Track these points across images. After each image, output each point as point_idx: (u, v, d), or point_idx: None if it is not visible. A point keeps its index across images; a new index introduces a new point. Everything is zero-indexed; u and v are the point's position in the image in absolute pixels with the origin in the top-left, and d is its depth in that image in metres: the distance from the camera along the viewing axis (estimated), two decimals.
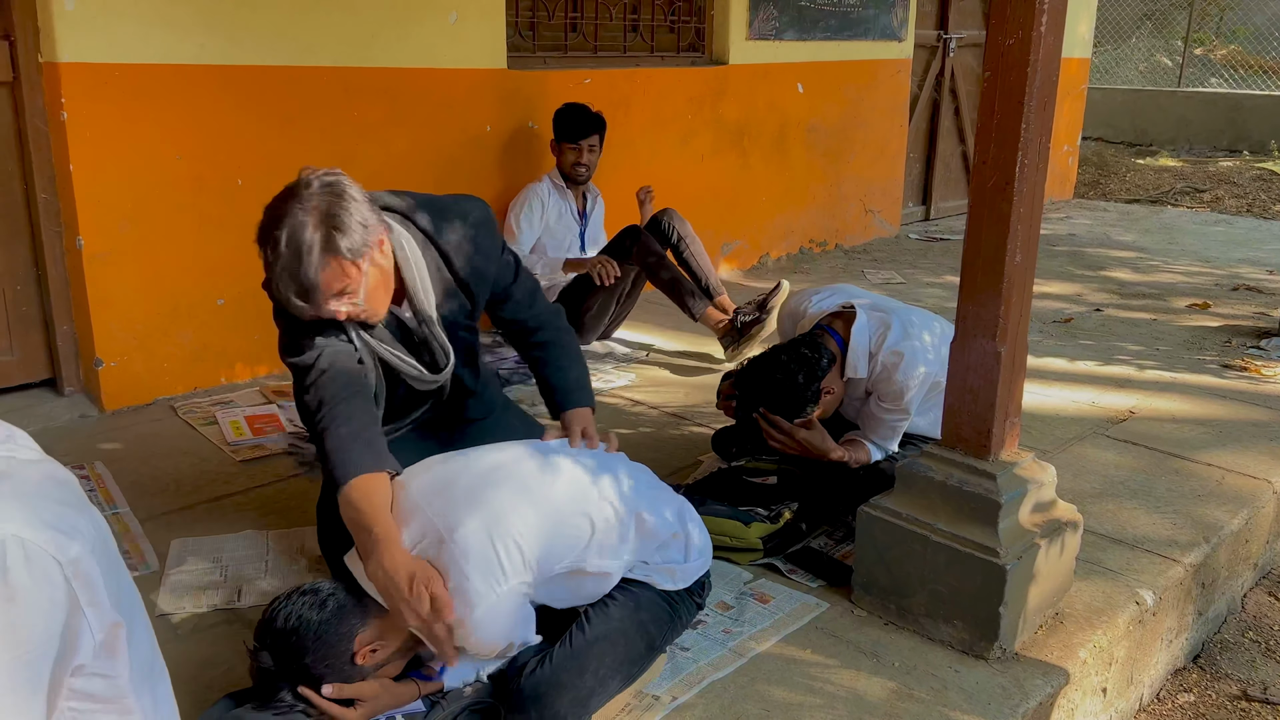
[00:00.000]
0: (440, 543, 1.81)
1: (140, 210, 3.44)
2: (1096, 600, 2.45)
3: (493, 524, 1.84)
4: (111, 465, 3.09)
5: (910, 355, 2.65)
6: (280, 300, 2.03)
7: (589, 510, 1.97)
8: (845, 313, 2.80)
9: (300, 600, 1.79)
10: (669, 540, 2.10)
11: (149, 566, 2.54)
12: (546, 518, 1.91)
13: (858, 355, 2.71)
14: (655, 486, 2.19)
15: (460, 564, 1.79)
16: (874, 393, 2.74)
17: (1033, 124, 2.08)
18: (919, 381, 2.67)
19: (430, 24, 4.07)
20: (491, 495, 1.89)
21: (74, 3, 3.17)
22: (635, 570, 2.07)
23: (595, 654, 1.93)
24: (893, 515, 2.32)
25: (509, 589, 1.81)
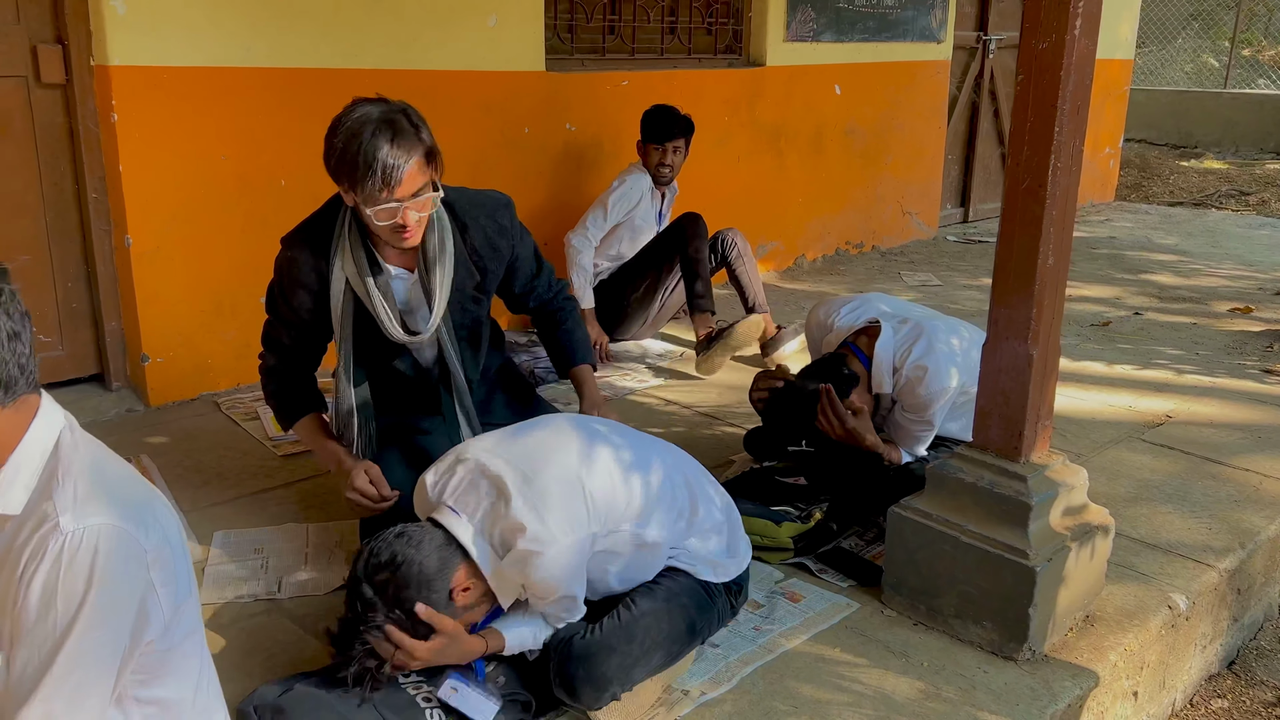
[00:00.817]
0: (518, 486, 1.89)
1: (187, 210, 3.52)
2: (1128, 604, 2.45)
3: (568, 473, 1.93)
4: (157, 459, 3.16)
5: (935, 369, 2.68)
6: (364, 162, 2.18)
7: (650, 479, 2.05)
8: (871, 328, 2.85)
9: (398, 540, 1.87)
10: (713, 529, 2.16)
11: (193, 555, 2.60)
12: (613, 476, 2.00)
13: (882, 371, 2.77)
14: (708, 479, 2.27)
15: (538, 506, 1.87)
16: (899, 404, 2.78)
17: (1066, 127, 2.08)
18: (944, 395, 2.70)
19: (470, 27, 4.12)
20: (564, 450, 1.99)
21: (125, 7, 3.25)
22: (680, 558, 2.13)
23: (643, 626, 2.00)
24: (923, 516, 2.34)
25: (580, 538, 1.89)
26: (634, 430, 2.24)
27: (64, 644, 1.30)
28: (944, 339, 2.77)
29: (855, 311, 2.95)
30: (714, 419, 3.59)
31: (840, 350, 2.85)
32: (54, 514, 1.32)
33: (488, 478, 1.93)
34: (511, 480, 1.91)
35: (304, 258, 2.41)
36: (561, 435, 2.06)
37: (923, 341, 2.75)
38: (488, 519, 1.91)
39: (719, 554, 2.18)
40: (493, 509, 1.91)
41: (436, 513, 1.95)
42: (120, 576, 1.33)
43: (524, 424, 2.14)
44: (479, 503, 1.93)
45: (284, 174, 3.71)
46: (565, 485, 1.92)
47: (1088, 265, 6.10)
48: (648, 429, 3.44)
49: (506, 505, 1.88)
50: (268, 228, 3.69)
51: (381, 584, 1.84)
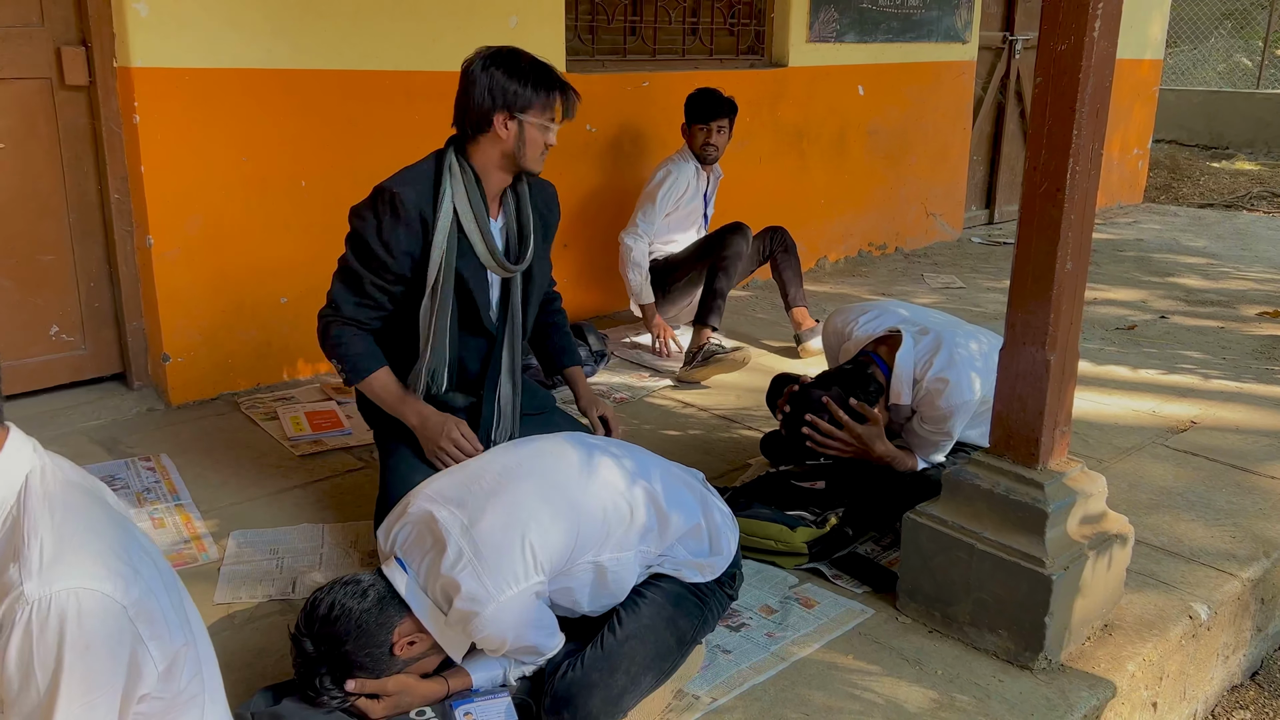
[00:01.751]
0: (455, 539, 1.85)
1: (207, 210, 3.54)
2: (1148, 613, 2.42)
3: (509, 523, 1.87)
4: (176, 458, 3.18)
5: (956, 381, 2.63)
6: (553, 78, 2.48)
7: (610, 507, 1.99)
8: (891, 337, 2.79)
9: (343, 590, 1.84)
10: (691, 531, 2.11)
11: (208, 556, 2.62)
12: (565, 517, 1.93)
13: (902, 382, 2.71)
14: (678, 478, 2.19)
15: (474, 563, 1.82)
16: (918, 414, 2.73)
17: (1084, 130, 2.06)
18: (966, 408, 2.65)
19: (491, 28, 4.13)
20: (510, 494, 1.92)
21: (148, 9, 3.28)
22: (664, 565, 2.09)
23: (626, 653, 1.95)
24: (938, 522, 2.31)
25: (519, 591, 1.83)
26: (600, 444, 2.16)
27: (52, 713, 1.26)
28: (964, 348, 2.72)
29: (874, 320, 2.89)
30: (731, 421, 3.58)
31: (861, 358, 2.80)
32: (19, 580, 1.26)
33: (430, 530, 1.89)
34: (449, 533, 1.86)
35: (410, 197, 2.49)
36: (519, 471, 1.99)
37: (944, 352, 2.69)
38: (430, 573, 1.87)
39: (701, 554, 2.13)
40: (433, 563, 1.87)
41: (385, 564, 1.93)
42: (99, 639, 1.27)
43: (490, 457, 2.08)
44: (423, 555, 1.89)
45: (304, 175, 3.73)
46: (504, 537, 1.85)
47: (1114, 268, 6.04)
48: (663, 431, 3.47)
49: (442, 560, 1.84)
50: (288, 229, 3.73)
51: (319, 637, 1.81)
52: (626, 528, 2.00)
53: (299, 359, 3.87)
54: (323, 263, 3.83)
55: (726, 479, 3.10)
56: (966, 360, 2.69)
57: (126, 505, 1.70)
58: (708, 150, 4.35)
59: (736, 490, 2.88)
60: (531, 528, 1.87)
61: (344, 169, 3.83)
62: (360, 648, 1.81)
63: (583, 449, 2.08)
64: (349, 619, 1.81)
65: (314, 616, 1.82)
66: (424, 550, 1.89)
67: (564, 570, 1.93)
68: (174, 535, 2.72)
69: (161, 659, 1.36)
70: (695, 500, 2.15)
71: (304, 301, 3.81)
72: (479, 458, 2.09)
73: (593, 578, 1.98)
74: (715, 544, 2.15)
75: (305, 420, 3.45)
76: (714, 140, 4.34)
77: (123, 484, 3.00)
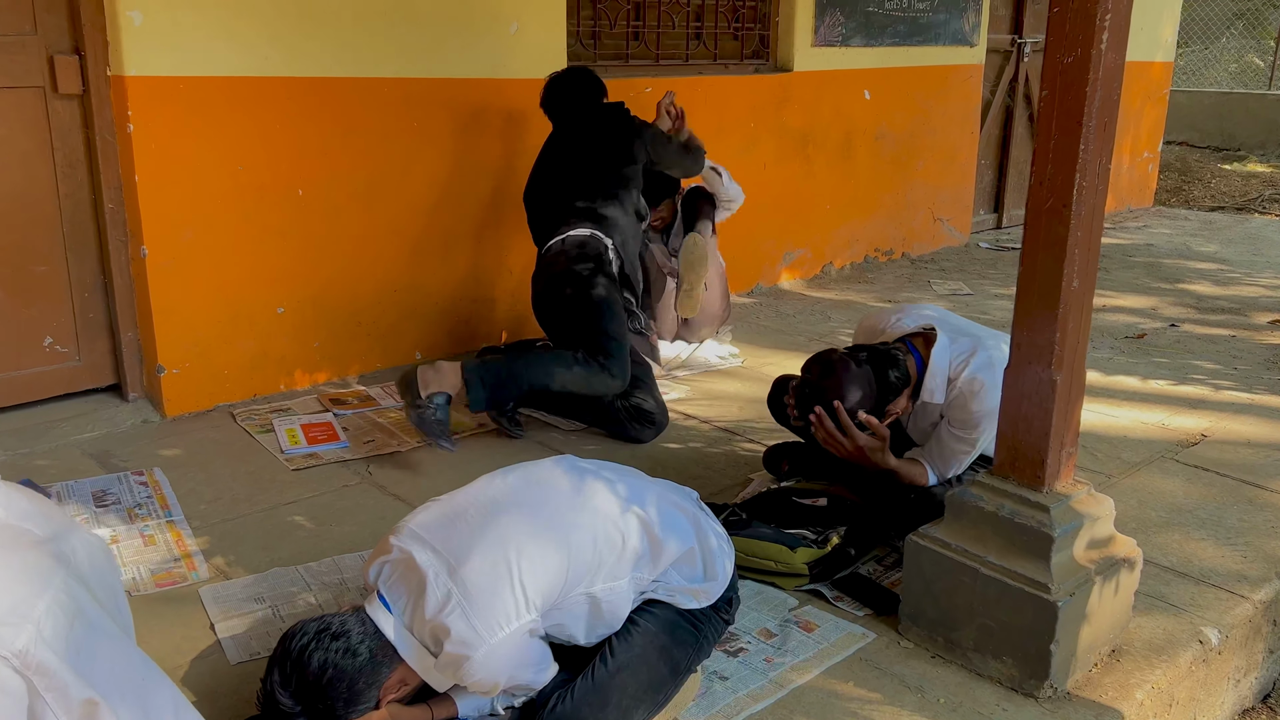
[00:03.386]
0: (441, 581, 1.78)
1: (203, 220, 3.50)
2: (1157, 637, 2.36)
3: (497, 561, 1.80)
4: (169, 472, 3.14)
5: (992, 385, 2.51)
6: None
7: (602, 536, 1.93)
8: (927, 334, 2.70)
9: (333, 646, 1.75)
10: (685, 556, 2.05)
11: (198, 575, 2.58)
12: (555, 550, 1.87)
13: (936, 379, 2.60)
14: (672, 502, 2.12)
15: (463, 605, 1.76)
16: (947, 417, 2.65)
17: (1091, 145, 2.00)
18: (994, 417, 2.55)
19: (491, 35, 4.08)
20: (497, 529, 1.86)
21: (142, 18, 3.24)
22: (658, 591, 2.03)
23: (617, 685, 1.90)
24: (941, 545, 2.26)
25: (511, 631, 1.78)
26: (593, 468, 2.09)
27: None
28: (1003, 355, 2.63)
29: (910, 318, 2.80)
30: (733, 434, 3.52)
31: (896, 346, 2.66)
32: None
33: (414, 570, 1.82)
34: (434, 575, 1.79)
35: None
36: (506, 503, 1.92)
37: (982, 354, 2.59)
38: (416, 614, 1.80)
39: (696, 580, 2.07)
40: (418, 605, 1.80)
41: (368, 602, 1.86)
42: None
43: (477, 487, 2.01)
44: (408, 595, 1.82)
45: (302, 184, 3.69)
46: (493, 576, 1.79)
47: (1124, 274, 5.97)
48: (664, 444, 3.42)
49: (427, 604, 1.77)
50: (285, 239, 3.69)
51: (304, 694, 1.73)
52: (619, 556, 1.94)
53: (296, 369, 3.82)
54: (320, 272, 3.83)
55: (727, 495, 3.05)
56: (1003, 365, 2.60)
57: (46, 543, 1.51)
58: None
59: (736, 507, 2.82)
60: (521, 564, 1.81)
61: (342, 178, 3.79)
62: (348, 705, 1.75)
63: (573, 475, 2.02)
64: (341, 680, 1.73)
65: (301, 673, 1.73)
66: (409, 590, 1.83)
67: (556, 605, 1.88)
68: (164, 553, 2.68)
69: (64, 710, 1.29)
70: (689, 524, 2.09)
71: (300, 311, 3.78)
72: (465, 488, 2.02)
73: (587, 609, 1.93)
74: (710, 569, 2.09)
75: (301, 432, 3.40)
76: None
77: (114, 499, 2.96)
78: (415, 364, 3.27)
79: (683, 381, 4.04)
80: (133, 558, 2.65)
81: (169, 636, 2.32)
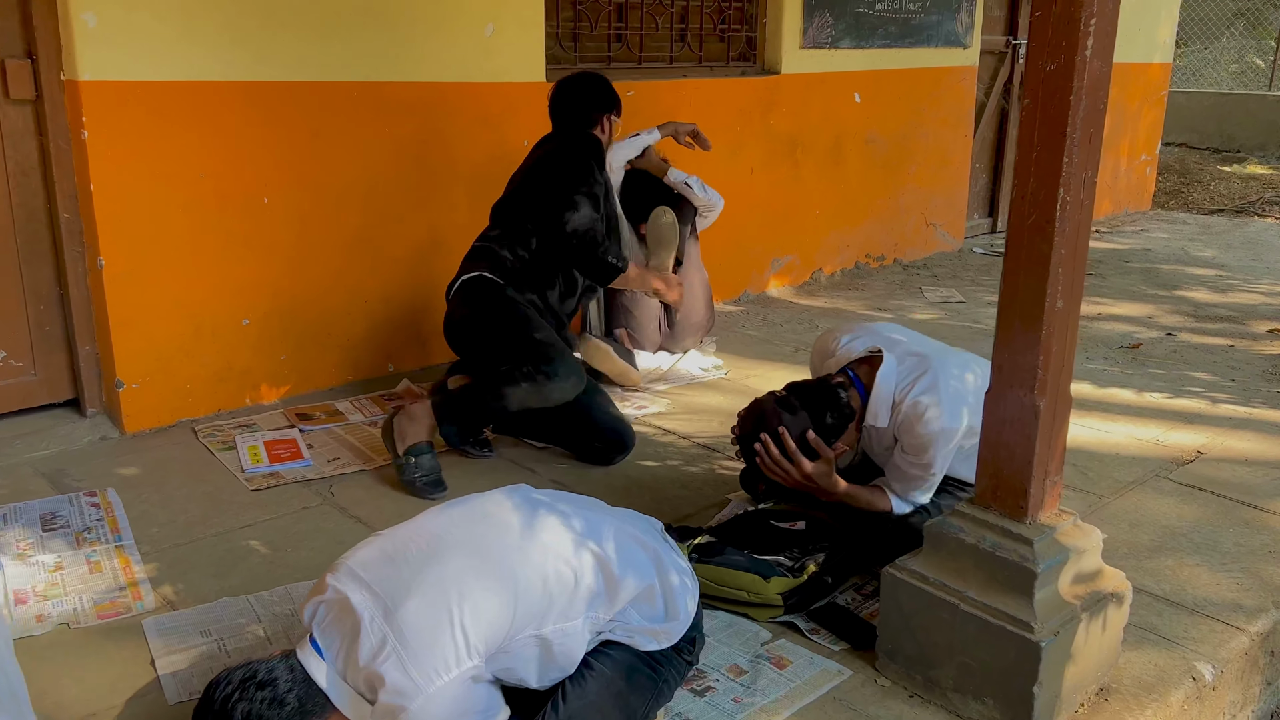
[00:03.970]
0: (376, 625, 1.66)
1: (163, 229, 3.38)
2: (1148, 674, 2.24)
3: (436, 603, 1.68)
4: (125, 492, 3.02)
5: (936, 406, 2.43)
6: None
7: (553, 575, 1.81)
8: (873, 357, 2.60)
9: (258, 696, 1.63)
10: (644, 593, 1.92)
11: (143, 605, 2.45)
12: (501, 590, 1.74)
13: (880, 403, 2.51)
14: (632, 536, 1.99)
15: (398, 651, 1.64)
16: (899, 442, 2.54)
17: (1076, 158, 1.88)
18: (947, 437, 2.45)
19: (465, 37, 3.96)
20: (438, 568, 1.73)
21: (96, 20, 3.12)
22: (615, 631, 1.90)
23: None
24: (920, 579, 2.14)
25: (450, 680, 1.65)
26: (548, 501, 1.96)
27: None
28: (954, 375, 2.53)
29: (858, 339, 2.71)
30: (713, 451, 3.40)
31: (836, 378, 2.61)
32: None
33: (349, 613, 1.70)
34: (368, 619, 1.67)
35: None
36: (449, 539, 1.80)
37: (928, 376, 2.50)
38: (350, 660, 1.68)
39: (655, 620, 1.94)
40: (351, 650, 1.67)
41: (300, 646, 1.73)
42: None
43: (420, 522, 1.88)
44: (342, 639, 1.70)
45: (267, 191, 3.57)
46: (432, 620, 1.66)
47: (1120, 280, 5.85)
48: (640, 462, 3.30)
49: (361, 649, 1.65)
50: (249, 248, 3.57)
51: None
52: (572, 595, 1.82)
53: (262, 383, 3.70)
54: (287, 282, 3.70)
55: (702, 516, 2.93)
56: (953, 389, 2.49)
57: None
58: None
59: (710, 531, 2.70)
60: (463, 606, 1.69)
61: (309, 185, 3.66)
62: None
63: (524, 508, 1.90)
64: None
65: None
66: (343, 633, 1.70)
67: (504, 648, 1.75)
68: (110, 581, 2.56)
69: None
70: (649, 560, 1.96)
71: (266, 323, 3.66)
72: (410, 522, 1.89)
73: (538, 652, 1.81)
74: (671, 608, 1.96)
75: (264, 450, 3.28)
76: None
77: (63, 522, 2.84)
78: (391, 415, 3.15)
79: (663, 395, 3.91)
80: (76, 586, 2.53)
81: (106, 673, 2.20)
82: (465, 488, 3.07)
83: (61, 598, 2.48)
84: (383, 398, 3.78)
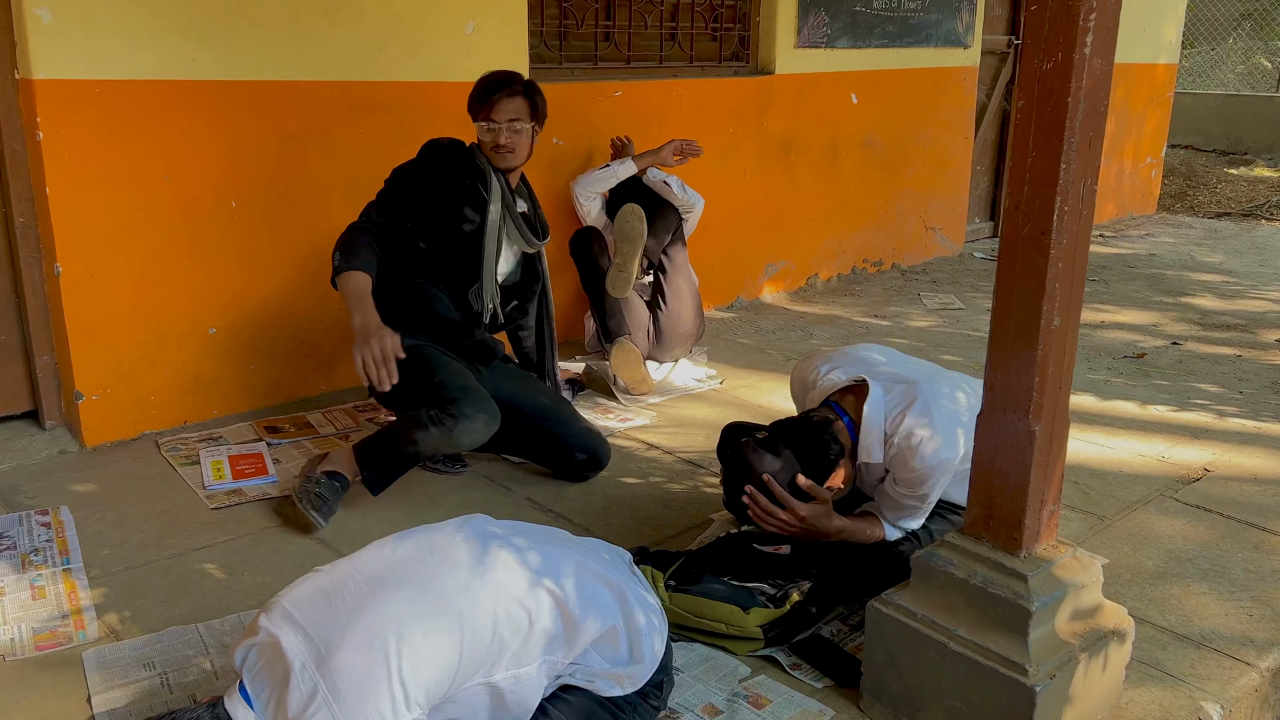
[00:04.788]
0: (308, 673, 1.53)
1: (125, 235, 3.24)
2: (1151, 714, 2.09)
3: (372, 649, 1.54)
4: (78, 510, 2.88)
5: (931, 437, 2.26)
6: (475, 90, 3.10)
7: (503, 617, 1.67)
8: (858, 387, 2.43)
9: None
10: (606, 635, 1.79)
11: (85, 636, 2.31)
12: (444, 634, 1.60)
13: (872, 437, 2.33)
14: (594, 573, 1.84)
15: (329, 703, 1.50)
16: (891, 474, 2.38)
17: (1074, 164, 1.73)
18: (944, 468, 2.29)
19: (444, 35, 3.82)
20: (375, 611, 1.59)
21: (51, 16, 2.98)
22: (575, 675, 1.76)
23: None
24: (907, 615, 1.99)
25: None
26: (502, 534, 1.82)
27: None
28: (946, 400, 2.35)
29: (840, 367, 2.53)
30: (697, 467, 3.26)
31: (821, 413, 2.43)
32: None
33: (279, 658, 1.56)
34: (299, 666, 1.53)
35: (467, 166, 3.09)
36: (391, 579, 1.66)
37: (919, 404, 2.32)
38: (279, 711, 1.54)
39: (619, 663, 1.81)
40: (280, 699, 1.54)
41: (228, 694, 1.60)
42: None
43: (361, 559, 1.75)
44: (273, 686, 1.57)
45: (234, 195, 3.43)
46: (367, 668, 1.53)
47: (1124, 286, 5.70)
48: (620, 479, 3.15)
49: (290, 699, 1.52)
50: (217, 253, 3.43)
51: None
52: (525, 638, 1.68)
53: (231, 394, 3.56)
54: (257, 289, 3.56)
55: (684, 538, 2.79)
56: (947, 413, 2.33)
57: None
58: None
59: (690, 556, 2.55)
60: (402, 652, 1.55)
61: (279, 188, 3.52)
62: None
63: (475, 542, 1.75)
64: None
65: None
66: (273, 680, 1.56)
67: (449, 697, 1.61)
68: (52, 609, 2.41)
69: None
70: (613, 598, 1.82)
71: (235, 331, 3.52)
72: (352, 557, 1.75)
73: (488, 700, 1.67)
74: (636, 650, 1.82)
75: (227, 465, 3.14)
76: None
77: (10, 543, 2.70)
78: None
79: (648, 407, 3.77)
80: (16, 614, 2.39)
81: (38, 711, 2.06)
82: (433, 505, 2.94)
83: (0, 626, 2.34)
84: (356, 409, 3.64)
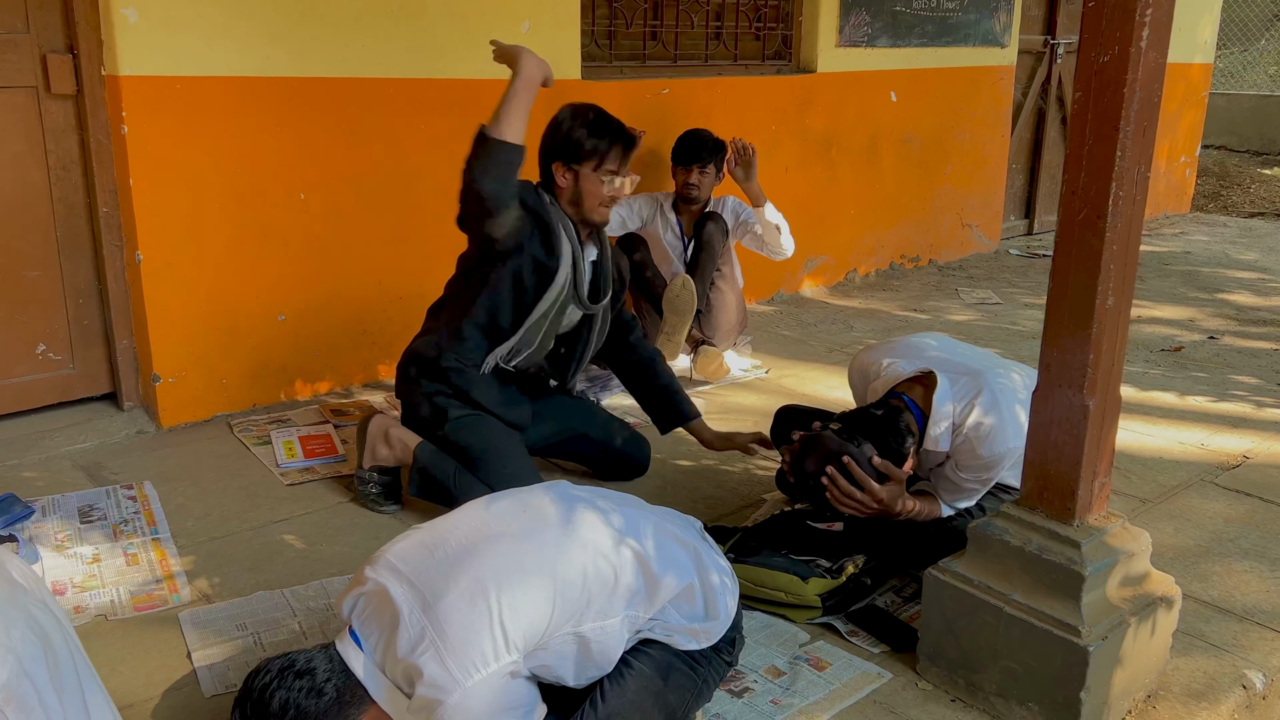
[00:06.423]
0: (414, 618, 1.65)
1: (201, 224, 3.39)
2: (1196, 681, 2.19)
3: (475, 597, 1.66)
4: (161, 485, 3.03)
5: (1001, 426, 2.34)
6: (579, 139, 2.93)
7: (591, 572, 1.78)
8: (924, 377, 2.49)
9: (296, 684, 1.62)
10: (684, 593, 1.90)
11: (179, 599, 2.46)
12: (540, 586, 1.72)
13: (940, 427, 2.41)
14: (671, 534, 1.96)
15: (436, 644, 1.62)
16: (954, 459, 2.46)
17: (1129, 151, 1.84)
18: (1012, 456, 2.37)
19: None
20: (477, 562, 1.71)
21: (137, 15, 3.13)
22: (654, 630, 1.88)
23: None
24: (963, 581, 2.10)
25: (488, 674, 1.63)
26: (587, 496, 1.93)
27: None
28: (1008, 388, 2.42)
29: (905, 358, 2.60)
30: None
31: (892, 402, 2.49)
32: None
33: (387, 605, 1.68)
34: (407, 611, 1.65)
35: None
36: (489, 533, 1.78)
37: (986, 395, 2.40)
38: (388, 652, 1.66)
39: (695, 619, 1.92)
40: (390, 643, 1.66)
41: (339, 638, 1.72)
42: None
43: (459, 516, 1.86)
44: (381, 632, 1.68)
45: (304, 187, 3.57)
46: (470, 614, 1.64)
47: (1160, 283, 5.76)
48: (674, 462, 3.27)
49: (399, 642, 1.63)
50: (285, 244, 3.58)
51: None
52: (610, 593, 1.80)
53: (297, 379, 3.71)
54: (322, 278, 3.70)
55: (738, 516, 2.90)
56: (1012, 403, 2.41)
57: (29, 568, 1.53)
58: (689, 190, 4.18)
59: (747, 532, 2.67)
60: (502, 601, 1.67)
61: (345, 181, 3.67)
62: None
63: (563, 504, 1.88)
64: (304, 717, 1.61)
65: (263, 714, 1.61)
66: (382, 626, 1.69)
67: (542, 645, 1.73)
68: (147, 574, 2.56)
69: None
70: (689, 558, 1.94)
71: (302, 319, 3.66)
72: (450, 515, 1.88)
73: (575, 650, 1.79)
74: (711, 607, 1.94)
75: (299, 445, 3.29)
76: (694, 180, 4.16)
77: (101, 514, 2.85)
78: (369, 414, 3.00)
79: (699, 395, 3.88)
80: (113, 578, 2.54)
81: (143, 665, 2.20)
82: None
83: (99, 589, 2.48)
84: None
